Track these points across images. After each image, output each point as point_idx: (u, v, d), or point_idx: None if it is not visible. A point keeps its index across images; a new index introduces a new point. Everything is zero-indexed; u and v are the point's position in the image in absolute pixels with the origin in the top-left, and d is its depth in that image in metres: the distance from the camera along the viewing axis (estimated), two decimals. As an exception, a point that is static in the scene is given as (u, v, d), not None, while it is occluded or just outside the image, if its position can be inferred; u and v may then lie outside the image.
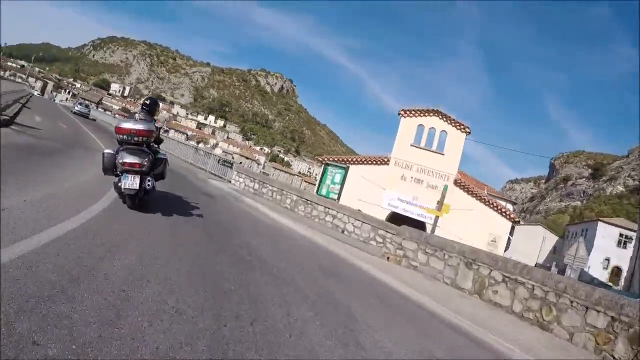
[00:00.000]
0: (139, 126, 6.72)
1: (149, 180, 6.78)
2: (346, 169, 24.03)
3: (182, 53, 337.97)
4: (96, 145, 15.27)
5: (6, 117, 12.75)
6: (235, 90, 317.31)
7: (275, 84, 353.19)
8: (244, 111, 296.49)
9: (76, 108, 44.99)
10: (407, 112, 24.88)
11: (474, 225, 23.28)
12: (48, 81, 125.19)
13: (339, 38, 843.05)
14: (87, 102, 65.79)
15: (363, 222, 14.63)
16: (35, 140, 11.95)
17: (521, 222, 55.14)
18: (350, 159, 24.72)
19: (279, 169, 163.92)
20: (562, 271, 33.58)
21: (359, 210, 16.18)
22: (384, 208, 23.64)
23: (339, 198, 23.28)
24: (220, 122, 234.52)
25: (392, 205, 23.87)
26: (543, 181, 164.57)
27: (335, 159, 24.93)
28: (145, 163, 6.73)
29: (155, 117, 7.86)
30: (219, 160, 21.26)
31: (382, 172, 24.34)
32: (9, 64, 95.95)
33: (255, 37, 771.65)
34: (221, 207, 11.89)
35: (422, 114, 24.85)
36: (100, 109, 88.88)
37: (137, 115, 7.29)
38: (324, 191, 23.85)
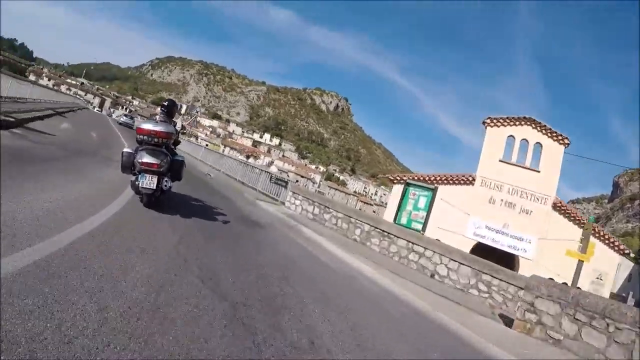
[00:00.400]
0: (159, 128, 6.86)
1: (166, 181, 6.90)
2: (434, 191, 19.41)
3: (237, 72, 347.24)
4: (117, 156, 12.19)
5: (8, 119, 10.92)
6: (290, 109, 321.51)
7: (331, 102, 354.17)
8: (300, 129, 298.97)
9: (122, 119, 47.12)
10: (495, 121, 20.68)
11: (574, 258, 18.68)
12: (106, 98, 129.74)
13: (394, 56, 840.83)
14: (131, 114, 68.88)
15: (461, 263, 10.89)
16: (31, 144, 9.49)
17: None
18: (426, 178, 20.55)
19: (334, 188, 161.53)
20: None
21: (452, 248, 12.31)
22: (468, 238, 19.47)
23: (424, 228, 18.95)
24: (276, 140, 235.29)
25: (478, 234, 19.56)
26: (606, 201, 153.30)
27: (417, 177, 20.55)
28: (164, 164, 6.84)
29: (175, 119, 8.03)
30: (271, 178, 18.06)
31: (465, 194, 20.10)
32: (68, 80, 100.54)
33: (310, 56, 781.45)
34: (270, 242, 8.66)
35: (512, 123, 20.58)
36: None
37: (157, 117, 7.49)
38: (404, 219, 19.10)
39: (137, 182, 6.71)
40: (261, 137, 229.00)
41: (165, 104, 7.77)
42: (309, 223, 13.36)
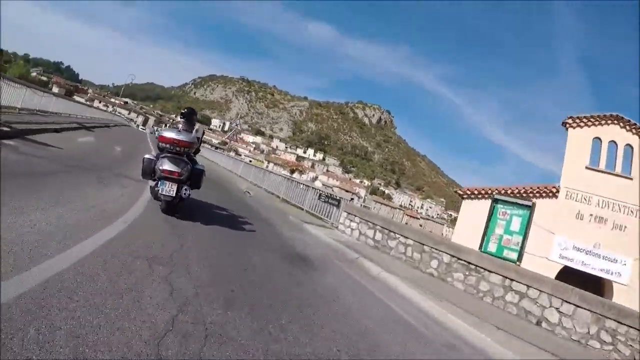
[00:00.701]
0: (181, 137, 6.91)
1: (185, 189, 6.87)
2: (531, 208, 15.53)
3: (279, 88, 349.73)
4: (132, 172, 10.35)
5: (2, 129, 9.39)
6: (333, 123, 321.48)
7: (373, 115, 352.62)
8: (343, 144, 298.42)
9: (157, 134, 46.24)
10: (577, 121, 17.27)
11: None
12: (149, 116, 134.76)
13: (435, 66, 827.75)
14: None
15: (578, 306, 8.03)
16: (19, 157, 7.75)
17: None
18: (510, 191, 16.99)
19: (380, 202, 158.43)
20: None
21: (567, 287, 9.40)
22: (552, 261, 16.18)
23: (520, 258, 15.19)
24: (320, 155, 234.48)
25: (565, 256, 16.10)
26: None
27: (506, 191, 16.99)
28: (184, 172, 6.88)
29: (195, 127, 7.91)
30: (320, 196, 15.34)
31: (548, 209, 16.74)
32: (112, 100, 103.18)
33: (350, 69, 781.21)
34: (328, 295, 5.83)
35: (597, 122, 17.17)
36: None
37: (179, 125, 7.64)
38: (492, 246, 15.00)
39: (156, 188, 6.83)
40: (305, 152, 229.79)
41: (184, 112, 7.89)
42: (371, 253, 10.58)
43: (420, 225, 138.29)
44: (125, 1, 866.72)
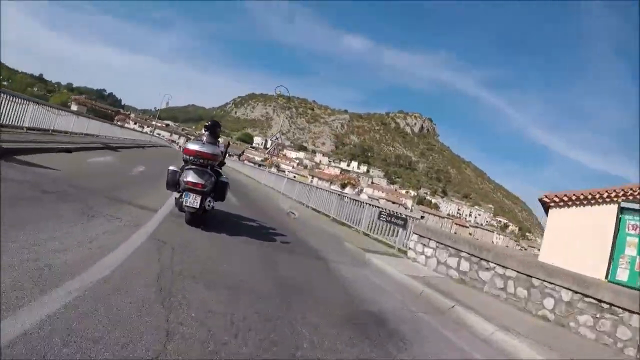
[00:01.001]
0: (205, 149, 6.94)
1: (209, 201, 6.88)
2: None
3: (319, 103, 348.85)
4: (141, 200, 7.99)
5: None
6: (375, 135, 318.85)
7: (415, 124, 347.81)
8: (386, 154, 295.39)
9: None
10: None
11: None
12: (191, 137, 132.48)
13: (473, 70, 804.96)
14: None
15: None
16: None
17: None
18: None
19: (427, 212, 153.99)
20: None
21: None
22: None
23: None
24: (364, 168, 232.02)
25: None
26: None
27: (633, 193, 12.84)
28: (208, 184, 6.87)
29: (219, 139, 7.99)
30: (380, 215, 12.27)
31: None
32: (154, 122, 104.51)
33: (388, 79, 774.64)
34: None
35: None
36: (243, 161, 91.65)
37: (204, 137, 7.59)
38: (623, 274, 10.09)
39: (181, 200, 6.87)
40: (348, 165, 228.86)
41: (208, 124, 7.84)
42: (459, 291, 7.73)
43: (470, 234, 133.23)
44: (161, 27, 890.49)
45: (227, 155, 8.43)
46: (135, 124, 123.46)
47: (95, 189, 7.70)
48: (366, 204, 13.82)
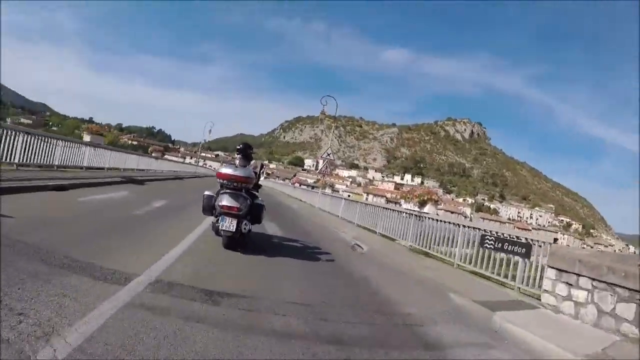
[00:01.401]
0: (238, 172, 6.90)
1: (245, 224, 6.79)
2: None
3: (366, 119, 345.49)
4: (122, 260, 5.03)
5: None
6: (426, 145, 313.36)
7: (465, 130, 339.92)
8: (439, 164, 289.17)
9: None
10: None
11: None
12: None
13: (517, 68, 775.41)
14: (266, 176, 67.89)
15: None
16: None
17: None
18: None
19: (488, 219, 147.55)
20: None
21: None
22: None
23: None
24: (418, 179, 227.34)
25: None
26: None
27: None
28: (243, 207, 6.79)
29: (252, 161, 7.82)
30: (484, 240, 8.47)
31: None
32: (202, 154, 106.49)
33: (432, 88, 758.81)
34: None
35: None
36: (294, 184, 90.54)
37: (236, 161, 7.52)
38: None
39: (217, 224, 6.74)
40: (402, 178, 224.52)
41: (240, 147, 7.66)
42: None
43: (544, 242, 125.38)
44: (202, 62, 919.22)
45: (261, 177, 8.16)
46: (183, 157, 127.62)
47: (49, 245, 4.93)
48: (461, 225, 10.16)
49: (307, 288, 5.75)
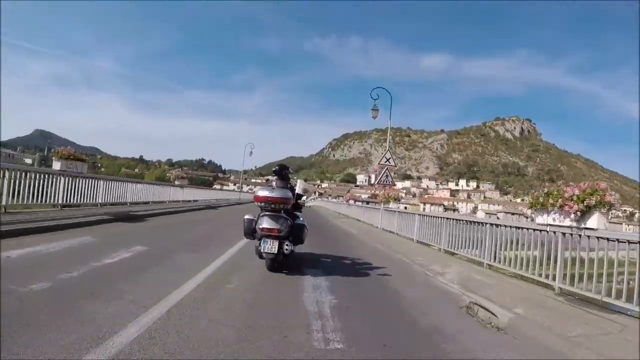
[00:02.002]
0: (275, 194, 6.70)
1: (287, 245, 6.59)
2: None
3: (414, 128, 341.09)
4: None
5: None
6: (477, 148, 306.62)
7: (514, 128, 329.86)
8: (493, 165, 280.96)
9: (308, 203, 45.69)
10: None
11: None
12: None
13: (558, 60, 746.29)
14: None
15: None
16: None
17: None
18: None
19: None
20: None
21: None
22: None
23: None
24: (473, 184, 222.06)
25: None
26: None
27: None
28: (283, 229, 6.63)
29: (291, 182, 7.66)
30: None
31: None
32: (252, 180, 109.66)
33: (475, 89, 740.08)
34: None
35: None
36: (347, 201, 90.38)
37: (273, 183, 7.39)
38: None
39: (259, 247, 6.59)
40: (457, 184, 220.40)
41: (276, 169, 7.55)
42: None
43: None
44: (243, 90, 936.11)
45: (304, 195, 7.90)
46: (234, 184, 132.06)
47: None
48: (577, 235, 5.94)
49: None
